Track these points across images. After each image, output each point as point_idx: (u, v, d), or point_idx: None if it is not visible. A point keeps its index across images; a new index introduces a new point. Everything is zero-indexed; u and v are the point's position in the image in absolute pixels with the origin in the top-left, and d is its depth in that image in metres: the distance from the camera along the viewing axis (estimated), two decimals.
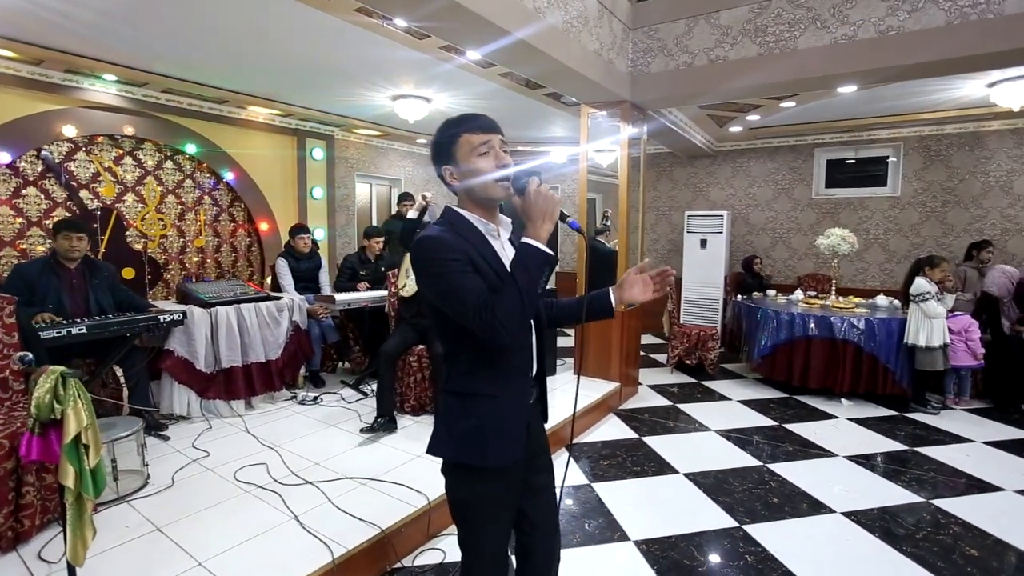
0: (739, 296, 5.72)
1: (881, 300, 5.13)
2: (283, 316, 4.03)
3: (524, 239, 1.19)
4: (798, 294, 5.57)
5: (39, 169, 4.35)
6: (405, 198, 5.65)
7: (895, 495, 2.97)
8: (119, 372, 3.38)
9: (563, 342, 5.90)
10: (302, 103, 5.47)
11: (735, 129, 6.25)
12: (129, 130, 4.71)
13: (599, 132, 5.31)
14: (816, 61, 3.60)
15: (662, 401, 4.65)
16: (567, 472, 1.49)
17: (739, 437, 3.82)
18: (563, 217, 1.24)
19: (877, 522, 2.68)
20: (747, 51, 3.83)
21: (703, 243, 6.79)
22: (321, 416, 3.72)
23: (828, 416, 4.27)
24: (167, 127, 4.98)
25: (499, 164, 1.25)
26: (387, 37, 3.43)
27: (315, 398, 4.08)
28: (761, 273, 6.28)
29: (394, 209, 6.32)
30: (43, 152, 4.34)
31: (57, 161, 4.42)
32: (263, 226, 5.86)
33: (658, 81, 4.25)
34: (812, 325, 4.63)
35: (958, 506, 2.84)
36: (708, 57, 3.99)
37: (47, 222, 4.33)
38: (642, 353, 5.88)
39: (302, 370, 4.36)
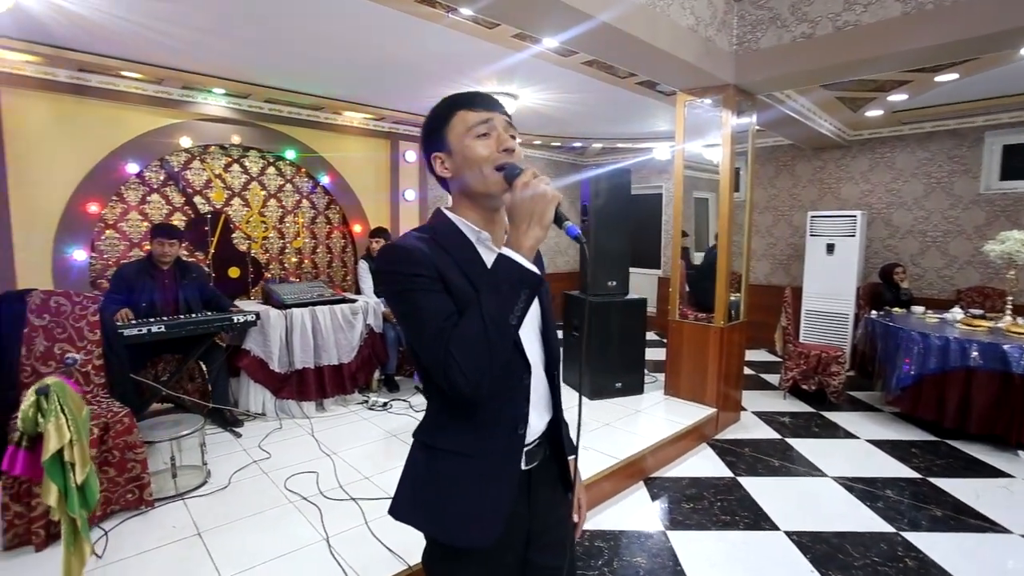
0: (874, 312, 4.76)
1: None
2: (357, 319, 4.03)
3: (501, 250, 0.89)
4: (956, 312, 4.49)
5: (162, 177, 4.80)
6: None
7: None
8: (206, 369, 3.56)
9: (652, 354, 5.35)
10: (393, 106, 5.53)
11: (874, 113, 5.24)
12: (236, 139, 5.06)
13: (704, 124, 4.70)
14: (989, 13, 2.77)
15: (768, 433, 3.96)
16: (579, 520, 1.17)
17: (865, 489, 3.08)
18: (559, 221, 0.91)
19: None
20: (888, 11, 3.08)
21: (830, 248, 5.81)
22: (385, 424, 3.63)
23: (997, 473, 3.32)
24: (269, 135, 5.28)
25: (502, 149, 0.96)
26: (454, 29, 3.23)
27: (384, 404, 4.02)
28: (901, 284, 5.19)
29: None
30: (166, 162, 4.78)
31: (176, 169, 4.86)
32: (356, 228, 6.02)
33: (770, 58, 3.61)
34: (975, 353, 3.66)
35: None
36: (834, 24, 3.29)
37: None
38: (749, 371, 5.16)
39: (377, 373, 4.35)
